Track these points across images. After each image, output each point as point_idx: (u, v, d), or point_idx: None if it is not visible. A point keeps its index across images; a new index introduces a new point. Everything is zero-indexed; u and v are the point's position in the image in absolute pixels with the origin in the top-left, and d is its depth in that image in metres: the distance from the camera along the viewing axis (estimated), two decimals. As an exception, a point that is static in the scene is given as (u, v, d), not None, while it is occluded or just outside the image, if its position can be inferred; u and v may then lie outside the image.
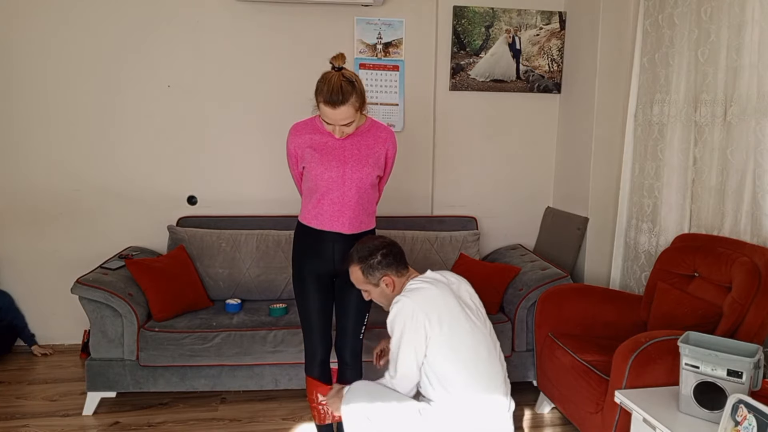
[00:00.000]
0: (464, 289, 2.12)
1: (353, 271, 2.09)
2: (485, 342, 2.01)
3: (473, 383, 1.95)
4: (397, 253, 2.09)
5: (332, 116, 2.01)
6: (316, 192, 2.17)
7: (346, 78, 1.99)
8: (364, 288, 2.11)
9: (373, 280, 2.06)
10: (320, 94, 1.99)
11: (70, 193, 3.41)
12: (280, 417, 2.74)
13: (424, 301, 1.95)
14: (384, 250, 2.06)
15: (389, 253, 2.06)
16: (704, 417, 1.71)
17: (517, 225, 3.75)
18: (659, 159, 2.85)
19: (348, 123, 2.05)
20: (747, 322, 2.11)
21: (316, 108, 2.09)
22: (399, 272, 2.07)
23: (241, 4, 3.34)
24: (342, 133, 2.09)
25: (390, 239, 2.14)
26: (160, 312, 2.80)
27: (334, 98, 1.97)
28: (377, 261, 2.04)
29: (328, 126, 2.09)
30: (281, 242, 3.24)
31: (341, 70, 2.02)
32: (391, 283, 2.06)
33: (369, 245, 2.08)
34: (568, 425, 2.67)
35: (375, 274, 2.05)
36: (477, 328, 2.01)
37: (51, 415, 2.71)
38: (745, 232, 2.34)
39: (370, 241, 2.10)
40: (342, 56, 2.04)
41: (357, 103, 2.02)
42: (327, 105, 1.99)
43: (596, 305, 2.61)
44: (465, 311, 2.01)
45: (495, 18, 3.51)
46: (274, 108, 3.44)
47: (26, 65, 3.29)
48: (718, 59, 2.46)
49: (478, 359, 1.97)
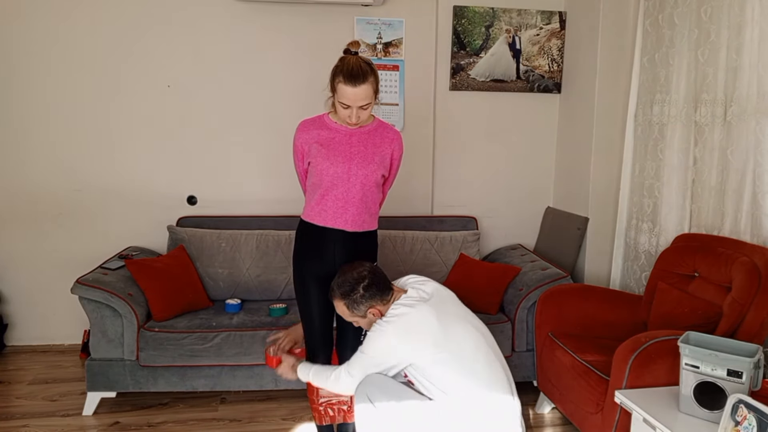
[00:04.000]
0: (448, 297, 2.11)
1: (338, 305, 2.08)
2: (483, 346, 2.01)
3: (478, 389, 1.95)
4: (379, 281, 2.04)
5: (352, 95, 2.02)
6: (320, 187, 2.17)
7: (364, 60, 2.05)
8: (351, 320, 2.11)
9: (360, 313, 2.05)
10: (339, 74, 2.02)
11: (70, 193, 3.41)
12: (280, 417, 2.74)
13: (407, 330, 1.95)
14: (366, 282, 2.01)
15: (372, 284, 2.02)
16: (704, 417, 1.71)
17: (517, 225, 3.75)
18: (659, 159, 2.85)
19: (365, 105, 2.06)
20: (747, 322, 2.11)
21: (331, 95, 2.11)
22: (383, 300, 2.05)
23: (240, 4, 3.34)
24: (357, 118, 2.09)
25: (370, 265, 2.08)
26: (160, 312, 2.80)
27: (355, 74, 1.99)
28: (360, 295, 2.01)
29: (344, 111, 2.08)
30: (281, 242, 3.23)
31: (356, 54, 2.08)
32: (377, 313, 2.05)
33: (349, 278, 2.03)
34: (568, 425, 2.67)
35: (360, 308, 2.03)
36: (470, 334, 2.01)
37: (51, 415, 2.71)
38: (745, 232, 2.34)
39: (350, 272, 2.05)
40: (357, 43, 2.11)
41: (374, 84, 2.06)
42: (348, 83, 2.00)
43: (596, 305, 2.61)
44: (453, 321, 2.00)
45: (495, 18, 3.51)
46: (274, 108, 3.44)
47: (26, 65, 3.29)
48: (718, 59, 2.46)
49: (478, 364, 1.97)
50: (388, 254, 3.27)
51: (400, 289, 2.11)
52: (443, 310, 2.02)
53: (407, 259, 3.29)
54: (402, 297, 2.05)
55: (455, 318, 2.03)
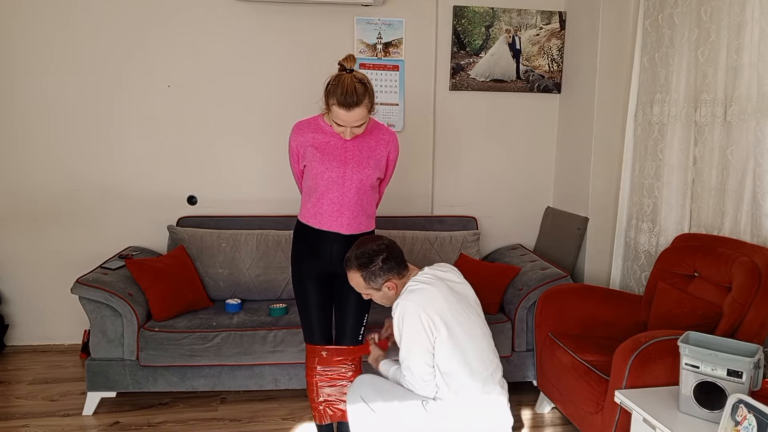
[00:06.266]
0: (462, 285, 2.12)
1: (353, 276, 2.05)
2: (484, 336, 2.03)
3: (475, 377, 1.96)
4: (397, 255, 2.05)
5: (346, 118, 2.00)
6: (316, 191, 2.17)
7: (359, 79, 1.99)
8: (365, 292, 2.09)
9: (376, 286, 2.04)
10: (333, 96, 1.98)
11: (70, 193, 3.41)
12: (280, 417, 2.74)
13: (426, 302, 1.94)
14: (384, 255, 2.01)
15: (390, 257, 2.02)
16: (704, 417, 1.71)
17: (517, 225, 3.75)
18: (659, 159, 2.85)
19: (360, 124, 2.05)
20: (747, 322, 2.11)
21: (325, 110, 2.08)
22: (401, 274, 2.05)
23: (240, 4, 3.34)
24: (352, 134, 2.08)
25: (388, 240, 2.10)
26: (160, 312, 2.80)
27: (349, 100, 1.96)
28: (378, 267, 2.00)
29: (338, 128, 2.08)
30: (281, 242, 3.23)
31: (352, 71, 2.02)
32: (393, 287, 2.04)
33: (368, 250, 2.02)
34: (568, 425, 2.67)
35: (377, 280, 2.02)
36: (475, 323, 2.02)
37: (51, 415, 2.71)
38: (745, 232, 2.34)
39: (368, 244, 2.04)
40: (353, 58, 2.03)
41: (369, 104, 2.03)
42: (341, 107, 1.98)
43: (596, 305, 2.61)
44: (464, 306, 2.02)
45: (495, 18, 3.51)
46: (274, 108, 3.44)
47: (26, 65, 3.29)
48: (718, 59, 2.46)
49: (479, 353, 1.98)
50: (388, 254, 3.26)
51: (416, 267, 2.12)
52: (456, 293, 2.04)
53: (407, 259, 3.28)
54: (419, 273, 2.05)
55: (466, 304, 2.04)
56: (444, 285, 2.02)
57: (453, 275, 2.12)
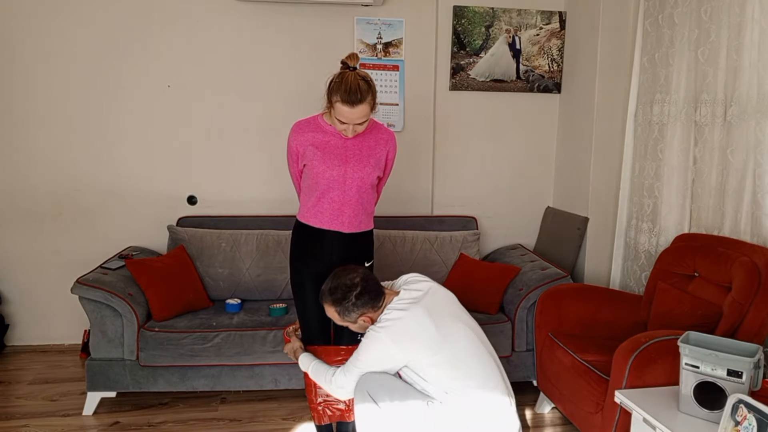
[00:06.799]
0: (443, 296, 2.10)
1: (329, 310, 2.06)
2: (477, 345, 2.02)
3: (474, 388, 1.95)
4: (371, 290, 2.01)
5: (349, 115, 2.01)
6: (316, 190, 2.18)
7: (362, 77, 2.01)
8: (341, 324, 2.09)
9: (350, 320, 2.04)
10: (336, 93, 1.99)
11: (70, 193, 3.41)
12: (280, 417, 2.74)
13: (403, 335, 1.94)
14: (358, 290, 1.98)
15: (363, 292, 1.99)
16: (704, 417, 1.71)
17: (517, 225, 3.75)
18: (659, 159, 2.85)
19: (362, 122, 2.06)
20: (747, 322, 2.11)
21: (326, 109, 2.09)
22: (375, 307, 2.03)
23: (241, 4, 3.34)
24: (354, 131, 2.09)
25: (362, 271, 2.04)
26: (160, 312, 2.80)
27: (353, 97, 1.97)
28: (352, 303, 1.99)
29: (340, 126, 2.08)
30: (281, 242, 3.23)
31: (355, 69, 2.03)
32: (368, 320, 2.04)
33: (341, 285, 2.00)
34: (568, 425, 2.67)
35: (352, 315, 2.02)
36: (463, 333, 2.01)
37: (51, 415, 2.71)
38: (745, 232, 2.34)
39: (342, 278, 2.01)
40: (356, 56, 2.05)
41: (372, 102, 2.04)
42: (345, 104, 1.99)
43: (596, 305, 2.61)
44: (447, 320, 2.00)
45: (495, 18, 3.51)
46: (274, 108, 3.44)
47: (26, 65, 3.29)
48: (718, 59, 2.46)
49: (473, 362, 1.98)
50: (388, 254, 3.27)
51: (392, 291, 2.09)
52: (437, 309, 2.01)
53: (407, 259, 3.29)
54: (394, 300, 2.02)
55: (449, 317, 2.02)
56: (420, 307, 1.98)
57: (424, 285, 2.09)
